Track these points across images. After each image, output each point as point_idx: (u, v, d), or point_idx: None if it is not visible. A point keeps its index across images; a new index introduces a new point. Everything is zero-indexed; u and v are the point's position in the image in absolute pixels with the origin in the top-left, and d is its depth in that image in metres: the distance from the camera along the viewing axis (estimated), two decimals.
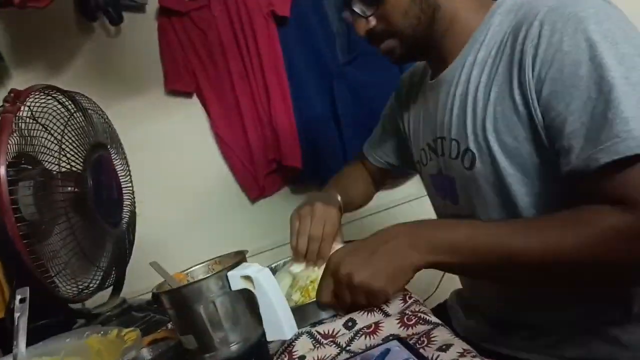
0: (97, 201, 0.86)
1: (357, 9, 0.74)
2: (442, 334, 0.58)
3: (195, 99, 1.64)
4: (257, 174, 1.63)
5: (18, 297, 0.49)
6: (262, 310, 0.61)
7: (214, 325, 0.59)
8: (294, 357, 0.65)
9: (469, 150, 0.72)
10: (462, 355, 0.52)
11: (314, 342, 0.68)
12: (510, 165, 0.68)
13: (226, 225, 1.65)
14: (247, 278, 0.60)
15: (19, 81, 1.52)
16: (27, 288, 0.50)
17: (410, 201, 1.69)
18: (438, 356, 0.53)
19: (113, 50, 1.58)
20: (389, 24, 0.73)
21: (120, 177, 0.97)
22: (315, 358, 0.64)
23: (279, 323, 0.61)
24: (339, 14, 1.59)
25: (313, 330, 0.72)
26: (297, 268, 0.86)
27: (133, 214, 1.01)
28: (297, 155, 1.58)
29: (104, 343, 0.53)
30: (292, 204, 1.69)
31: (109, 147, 0.96)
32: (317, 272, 0.83)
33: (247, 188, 1.67)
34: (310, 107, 1.59)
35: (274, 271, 0.89)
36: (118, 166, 0.97)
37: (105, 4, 1.47)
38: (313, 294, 0.80)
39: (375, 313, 0.72)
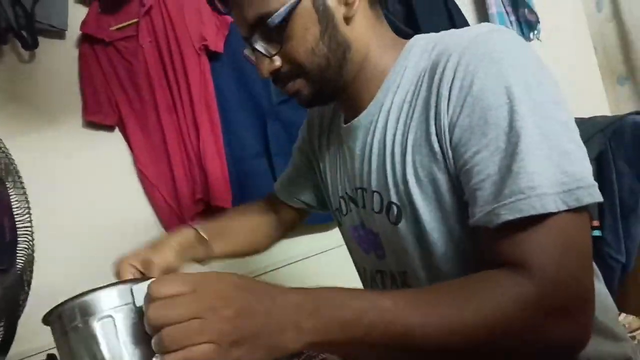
0: None
1: (259, 47, 0.66)
2: None
3: (117, 132, 1.52)
4: (183, 215, 1.52)
5: None
6: None
7: (111, 347, 0.49)
8: None
9: (392, 204, 0.67)
10: None
11: None
12: (433, 217, 0.63)
13: None
14: None
15: None
16: None
17: (326, 251, 1.63)
18: None
19: (26, 77, 1.45)
20: (295, 64, 0.66)
21: (16, 216, 0.84)
22: None
23: None
24: None
25: None
26: None
27: (30, 257, 0.88)
28: (227, 195, 1.50)
29: None
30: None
31: (5, 181, 0.83)
32: None
33: (171, 230, 1.55)
34: (242, 145, 1.53)
35: None
36: (14, 203, 0.84)
37: (18, 27, 1.35)
38: None
39: None
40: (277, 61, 0.66)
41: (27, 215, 0.88)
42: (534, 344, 0.51)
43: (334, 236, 0.99)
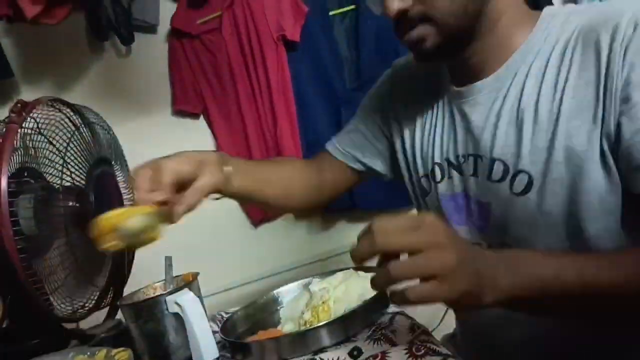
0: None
1: None
2: None
3: (202, 121, 1.64)
4: None
5: None
6: (188, 334, 0.71)
7: (155, 338, 0.74)
8: None
9: (522, 172, 0.63)
10: None
11: None
12: (574, 192, 0.60)
13: (229, 249, 1.62)
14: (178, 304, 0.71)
15: (27, 97, 1.51)
16: None
17: None
18: None
19: (123, 70, 1.59)
20: (431, 7, 0.61)
21: (123, 194, 0.95)
22: None
23: (199, 347, 0.70)
24: (348, 40, 1.61)
25: (317, 357, 0.69)
26: (315, 286, 0.85)
27: None
28: None
29: None
30: (294, 229, 1.68)
31: (112, 162, 0.94)
32: (332, 292, 0.82)
33: (250, 212, 1.65)
34: (317, 131, 1.58)
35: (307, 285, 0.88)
36: (121, 183, 0.95)
37: (117, 23, 1.49)
38: (322, 316, 0.78)
39: (382, 342, 0.69)
40: (410, 1, 0.62)
41: (131, 195, 0.99)
42: None
43: None
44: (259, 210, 1.62)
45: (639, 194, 0.57)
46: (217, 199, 0.80)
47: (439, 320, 1.31)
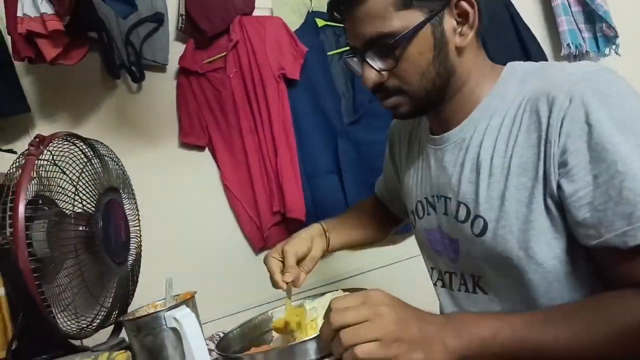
0: (105, 241, 0.91)
1: (370, 60, 0.71)
2: None
3: (207, 153, 1.72)
4: (262, 226, 1.68)
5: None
6: (184, 347, 0.76)
7: (154, 351, 0.79)
8: None
9: (479, 217, 0.71)
10: None
11: None
12: (519, 235, 0.68)
13: (231, 275, 1.68)
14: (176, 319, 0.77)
15: (43, 130, 1.61)
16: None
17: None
18: None
19: (133, 105, 1.69)
20: (403, 83, 0.71)
21: (130, 220, 1.02)
22: None
23: None
24: (345, 78, 1.70)
25: None
26: (307, 306, 0.91)
27: (139, 256, 1.06)
28: (301, 208, 1.64)
29: None
30: None
31: (120, 191, 1.02)
32: (320, 311, 0.88)
33: (252, 239, 1.71)
34: (315, 163, 1.66)
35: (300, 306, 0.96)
36: (128, 209, 1.02)
37: (129, 63, 1.60)
38: (310, 332, 0.84)
39: None
40: (385, 77, 0.72)
41: (136, 221, 1.06)
42: None
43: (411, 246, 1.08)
44: (260, 237, 1.69)
45: (584, 246, 0.63)
46: None
47: None
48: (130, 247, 1.01)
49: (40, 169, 0.87)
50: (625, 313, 0.57)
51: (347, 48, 1.65)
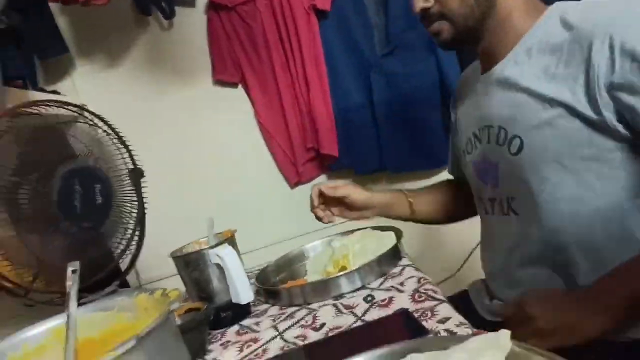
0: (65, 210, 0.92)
1: None
2: (445, 309, 0.64)
3: (240, 89, 1.73)
4: (296, 162, 1.71)
5: (70, 268, 0.57)
6: (227, 281, 0.85)
7: (201, 284, 0.88)
8: (316, 321, 0.75)
9: (516, 137, 0.77)
10: (458, 326, 0.58)
11: (336, 311, 0.77)
12: (555, 151, 0.73)
13: (267, 209, 1.75)
14: (219, 256, 0.84)
15: (82, 71, 1.66)
16: (78, 262, 0.59)
17: None
18: (437, 327, 0.59)
19: (166, 42, 1.70)
20: (444, 7, 0.79)
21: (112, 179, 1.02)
22: (335, 325, 0.72)
23: (237, 291, 0.84)
24: (377, 7, 1.64)
25: (338, 302, 0.80)
26: (337, 243, 0.97)
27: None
28: (334, 143, 1.66)
29: (151, 301, 0.61)
30: None
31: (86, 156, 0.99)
32: (351, 248, 0.93)
33: (287, 175, 1.75)
34: (348, 97, 1.65)
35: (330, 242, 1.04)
36: (107, 170, 1.02)
37: None
38: (342, 267, 0.90)
39: (391, 290, 0.79)
40: (430, 1, 0.79)
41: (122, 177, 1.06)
42: None
43: None
44: (295, 172, 1.73)
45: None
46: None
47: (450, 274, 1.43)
48: (112, 205, 1.02)
49: None
50: None
51: None
